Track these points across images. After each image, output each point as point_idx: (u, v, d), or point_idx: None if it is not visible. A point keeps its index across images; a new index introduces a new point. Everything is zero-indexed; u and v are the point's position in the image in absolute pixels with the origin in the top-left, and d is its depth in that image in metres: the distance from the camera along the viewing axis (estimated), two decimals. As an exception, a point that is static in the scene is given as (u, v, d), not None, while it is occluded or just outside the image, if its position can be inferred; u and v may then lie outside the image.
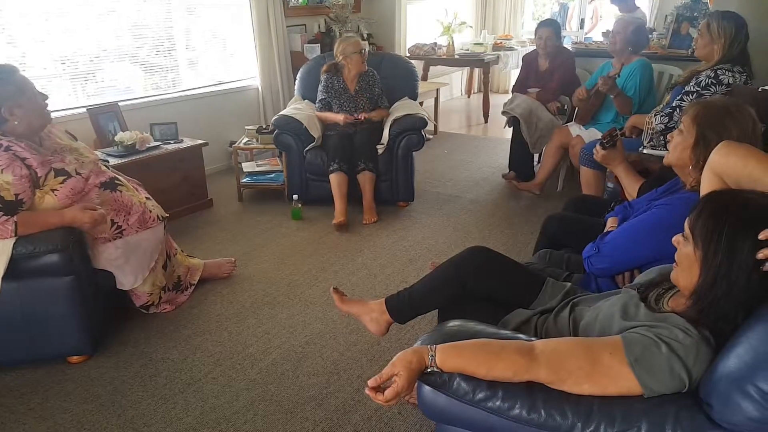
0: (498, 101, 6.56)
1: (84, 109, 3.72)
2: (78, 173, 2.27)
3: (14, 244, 2.06)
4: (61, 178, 2.21)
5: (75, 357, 2.31)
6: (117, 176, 2.49)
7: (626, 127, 3.33)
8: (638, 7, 5.22)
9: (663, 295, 1.31)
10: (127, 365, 2.31)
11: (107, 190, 2.36)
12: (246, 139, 4.24)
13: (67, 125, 2.70)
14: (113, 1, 4.03)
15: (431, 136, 5.86)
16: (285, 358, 2.35)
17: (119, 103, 3.89)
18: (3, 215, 2.05)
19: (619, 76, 3.51)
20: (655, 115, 2.93)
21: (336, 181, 3.71)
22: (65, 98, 3.86)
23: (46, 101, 2.27)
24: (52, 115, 2.37)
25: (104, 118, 3.75)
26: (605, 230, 1.88)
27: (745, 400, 1.00)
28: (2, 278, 2.06)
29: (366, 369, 2.27)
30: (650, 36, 5.12)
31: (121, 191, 2.41)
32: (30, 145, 2.19)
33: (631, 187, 2.16)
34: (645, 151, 2.82)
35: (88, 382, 2.21)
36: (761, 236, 1.06)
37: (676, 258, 1.22)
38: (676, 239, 1.21)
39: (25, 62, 3.57)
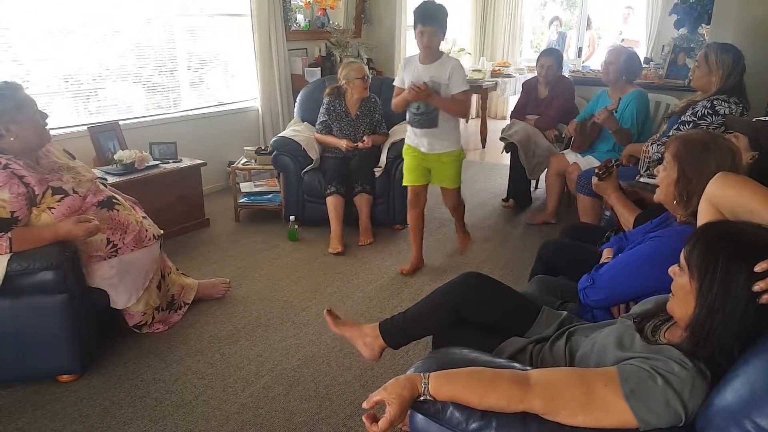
0: (496, 127, 6.61)
1: (85, 127, 3.74)
2: (75, 192, 2.27)
3: (9, 260, 2.05)
4: (58, 197, 2.22)
5: (65, 376, 2.28)
6: (114, 195, 2.50)
7: (623, 156, 3.35)
8: None
9: (659, 326, 1.30)
10: (117, 385, 2.28)
11: (104, 209, 2.36)
12: (245, 160, 4.26)
13: (67, 143, 2.71)
14: (117, 21, 4.07)
15: (429, 160, 5.87)
16: (277, 382, 2.33)
17: (120, 122, 3.91)
18: None
19: (617, 110, 3.54)
20: (651, 144, 2.95)
21: (333, 203, 3.71)
22: (67, 116, 3.88)
23: (46, 120, 2.28)
24: (53, 132, 2.38)
25: (104, 137, 3.76)
26: (600, 261, 1.88)
27: (742, 435, 0.99)
28: None
29: (359, 395, 2.24)
30: (647, 66, 5.19)
31: (118, 210, 2.41)
32: (28, 164, 2.20)
33: (625, 217, 2.16)
34: (641, 179, 2.84)
35: (77, 402, 2.17)
36: (757, 268, 1.06)
37: (672, 289, 1.22)
38: (672, 270, 1.21)
39: (29, 80, 3.60)
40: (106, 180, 3.08)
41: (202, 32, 4.70)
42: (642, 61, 5.51)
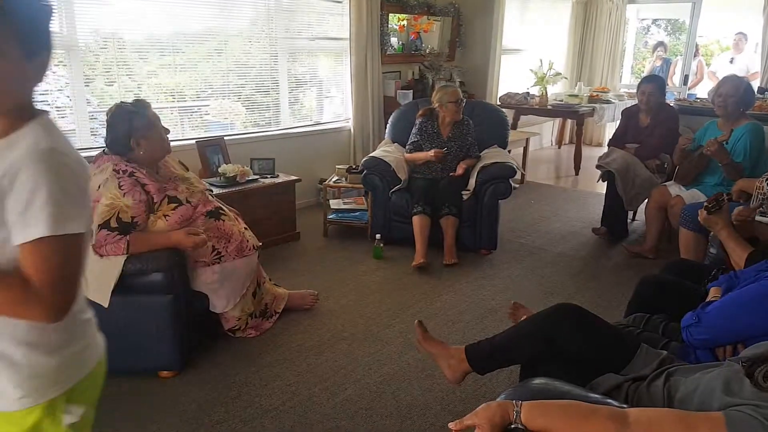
0: (590, 154, 6.42)
1: (191, 141, 4.00)
2: (188, 201, 2.46)
3: (125, 261, 2.24)
4: (173, 205, 2.40)
5: (165, 372, 2.44)
6: (221, 206, 2.67)
7: (733, 191, 3.13)
8: None
9: (772, 372, 1.22)
10: (211, 385, 2.41)
11: (212, 219, 2.53)
12: (335, 178, 4.39)
13: (175, 155, 2.92)
14: (222, 42, 4.33)
15: (518, 185, 5.79)
16: (359, 396, 2.36)
17: (224, 137, 4.16)
18: (118, 234, 2.24)
19: (727, 142, 3.34)
20: (766, 179, 2.76)
21: (418, 223, 3.74)
22: (173, 129, 4.13)
23: (168, 134, 2.49)
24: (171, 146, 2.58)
25: (210, 150, 4.02)
26: (707, 299, 1.78)
27: None
28: (111, 292, 2.22)
29: (440, 416, 2.23)
30: (762, 96, 4.87)
31: (223, 220, 2.57)
32: (150, 173, 2.40)
33: (737, 254, 2.03)
34: (756, 218, 2.66)
35: (175, 397, 2.32)
36: None
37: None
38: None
39: (140, 94, 3.86)
40: (212, 191, 3.29)
41: (300, 54, 4.90)
42: (756, 90, 5.21)
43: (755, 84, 6.18)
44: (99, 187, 2.29)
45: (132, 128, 2.33)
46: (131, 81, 3.87)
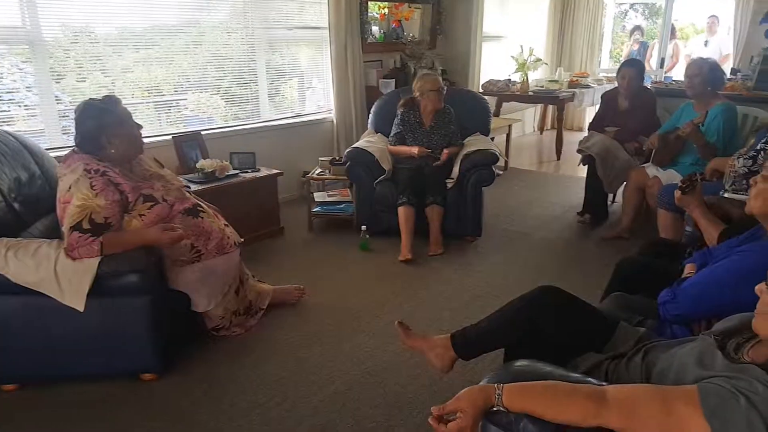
0: (571, 138, 6.46)
1: (168, 137, 3.95)
2: (165, 200, 2.41)
3: (99, 263, 2.18)
4: (149, 204, 2.36)
5: (147, 374, 2.40)
6: (199, 203, 2.63)
7: (707, 170, 3.19)
8: None
9: (743, 344, 1.24)
10: (195, 385, 2.39)
11: (190, 216, 2.49)
12: (319, 170, 4.37)
13: (151, 152, 2.88)
14: (199, 34, 4.27)
15: (501, 172, 5.82)
16: (348, 388, 2.37)
17: (201, 132, 4.11)
18: (91, 236, 2.19)
19: (703, 124, 3.39)
20: (738, 157, 2.81)
21: (404, 214, 3.74)
22: (150, 125, 4.07)
23: (140, 131, 2.44)
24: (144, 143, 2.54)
25: (187, 146, 3.97)
26: (683, 276, 1.81)
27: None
28: (87, 295, 2.17)
29: (428, 404, 2.21)
30: (734, 77, 4.94)
31: (202, 218, 2.53)
32: (123, 171, 2.36)
33: (710, 232, 2.07)
34: (726, 195, 2.70)
35: (158, 399, 2.29)
36: None
37: (758, 307, 1.16)
38: (759, 288, 1.16)
39: (114, 90, 3.78)
40: (189, 187, 3.25)
41: (279, 44, 4.85)
42: (729, 72, 5.27)
43: (728, 66, 6.26)
44: (69, 187, 2.23)
45: (102, 126, 2.28)
46: (105, 77, 3.80)
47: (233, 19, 4.45)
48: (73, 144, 2.40)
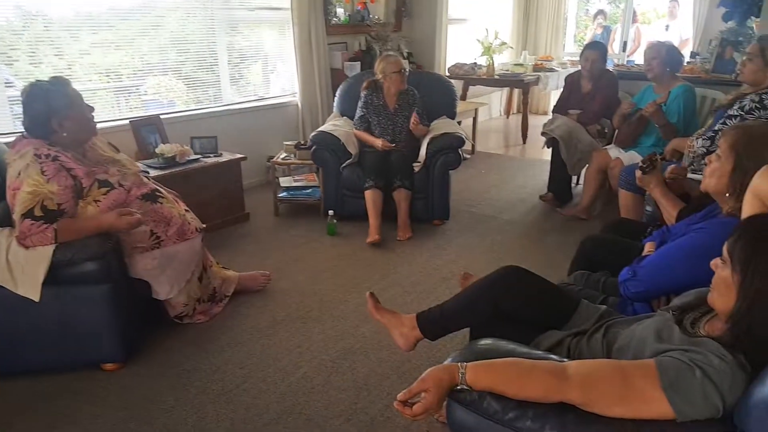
0: (537, 122, 6.51)
1: (127, 121, 3.83)
2: (121, 185, 2.34)
3: (54, 251, 2.11)
4: (104, 189, 2.28)
5: (109, 364, 2.35)
6: (158, 188, 2.56)
7: (667, 150, 3.26)
8: None
9: (699, 319, 1.28)
10: (159, 374, 2.35)
11: (148, 202, 2.43)
12: (284, 154, 4.31)
13: (109, 137, 2.79)
14: (158, 16, 4.15)
15: (468, 156, 5.85)
16: (316, 373, 2.36)
17: (161, 116, 4.01)
18: (44, 223, 2.11)
19: (666, 104, 3.45)
20: (696, 138, 2.87)
21: (371, 197, 3.73)
22: (109, 110, 3.98)
23: (93, 113, 2.35)
24: (97, 126, 2.45)
25: (146, 131, 3.86)
26: (642, 254, 1.84)
27: (782, 428, 0.96)
28: (42, 284, 2.11)
29: (396, 385, 2.25)
30: (693, 60, 5.04)
31: (161, 203, 2.47)
32: (75, 156, 2.27)
33: (669, 211, 2.11)
34: (688, 175, 2.76)
35: (120, 390, 2.25)
36: None
37: (713, 282, 1.20)
38: (714, 263, 1.19)
39: (71, 74, 3.66)
40: (148, 173, 3.17)
41: (242, 27, 4.75)
42: (689, 55, 5.38)
43: (688, 49, 6.39)
44: (19, 174, 2.14)
45: (51, 108, 2.19)
46: (60, 61, 3.66)
47: (192, 0, 4.32)
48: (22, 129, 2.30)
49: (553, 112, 4.60)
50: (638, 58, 7.02)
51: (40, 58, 3.56)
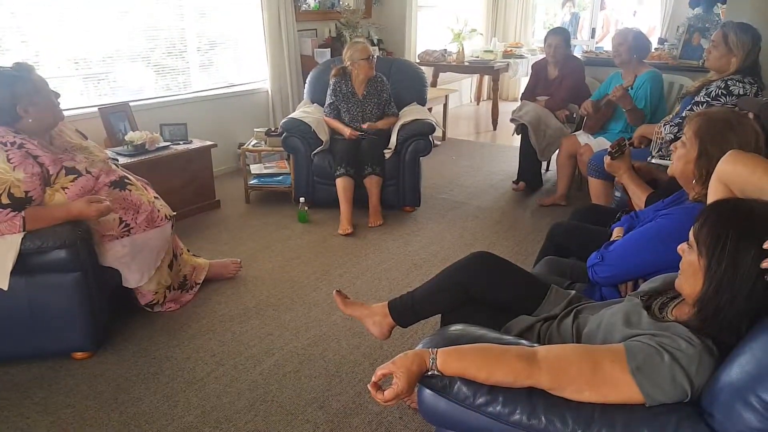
0: (507, 108, 6.54)
1: (95, 109, 3.75)
2: (88, 172, 2.29)
3: (22, 239, 2.08)
4: (71, 177, 2.23)
5: (79, 353, 2.32)
6: (127, 175, 2.51)
7: (635, 137, 3.32)
8: None
9: (667, 303, 1.31)
10: (130, 363, 2.32)
11: (117, 189, 2.38)
12: (254, 142, 4.26)
13: (78, 124, 2.72)
14: (127, 3, 4.06)
15: (439, 143, 5.87)
16: (287, 360, 2.36)
17: (130, 103, 3.92)
18: (11, 211, 2.07)
19: (632, 87, 3.50)
20: (664, 125, 2.93)
21: (342, 185, 3.71)
22: (77, 97, 3.89)
23: (59, 99, 2.29)
24: (65, 113, 2.39)
25: (115, 118, 3.78)
26: (611, 240, 1.88)
27: (747, 410, 0.99)
28: (10, 273, 2.07)
29: (368, 372, 2.26)
30: (661, 46, 5.12)
31: (130, 190, 2.43)
32: (42, 143, 2.22)
33: (637, 196, 2.15)
34: (653, 161, 2.81)
35: (91, 379, 2.22)
36: (766, 246, 1.06)
37: (680, 266, 1.22)
38: (681, 247, 1.21)
39: (38, 61, 3.58)
40: (117, 160, 3.10)
41: (211, 13, 4.67)
42: (657, 41, 5.46)
43: (656, 36, 6.48)
44: None
45: (16, 94, 2.13)
46: (27, 49, 3.56)
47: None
48: None
49: (521, 98, 4.64)
50: (607, 45, 7.12)
51: (6, 47, 3.46)
